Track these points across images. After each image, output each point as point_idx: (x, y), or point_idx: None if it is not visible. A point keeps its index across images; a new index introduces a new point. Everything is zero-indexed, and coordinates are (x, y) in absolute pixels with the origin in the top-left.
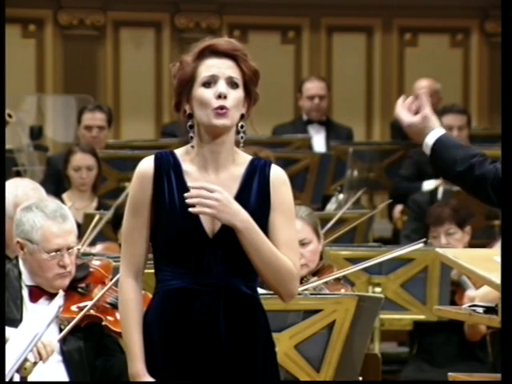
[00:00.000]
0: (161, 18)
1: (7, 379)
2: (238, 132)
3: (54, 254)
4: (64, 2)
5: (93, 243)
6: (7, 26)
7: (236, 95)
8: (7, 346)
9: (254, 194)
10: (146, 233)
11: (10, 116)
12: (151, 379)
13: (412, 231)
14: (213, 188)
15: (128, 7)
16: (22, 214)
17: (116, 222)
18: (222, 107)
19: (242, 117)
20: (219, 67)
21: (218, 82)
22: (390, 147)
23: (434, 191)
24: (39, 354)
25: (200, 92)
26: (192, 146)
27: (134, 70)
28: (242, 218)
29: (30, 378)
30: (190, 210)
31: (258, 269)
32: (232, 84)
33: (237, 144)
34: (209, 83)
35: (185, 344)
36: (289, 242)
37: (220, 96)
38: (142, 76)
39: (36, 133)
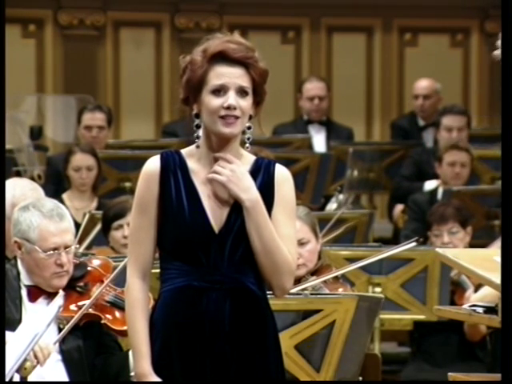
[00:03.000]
0: (161, 18)
1: (7, 379)
2: (243, 132)
3: (51, 252)
4: (64, 1)
5: (89, 247)
6: (7, 26)
7: (245, 104)
8: (7, 346)
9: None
10: (153, 232)
11: (39, 177)
12: (158, 379)
13: (412, 231)
14: (232, 159)
15: (128, 7)
16: (19, 214)
17: (105, 227)
18: (231, 116)
19: (250, 117)
20: (230, 76)
21: (227, 91)
22: (390, 147)
23: (434, 191)
24: (36, 357)
25: (209, 99)
26: (197, 146)
27: (134, 70)
28: (250, 196)
29: (30, 378)
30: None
31: (256, 255)
32: (242, 92)
33: (242, 145)
34: (218, 91)
35: (191, 341)
36: (288, 237)
37: (229, 107)
38: (142, 76)
39: (36, 133)
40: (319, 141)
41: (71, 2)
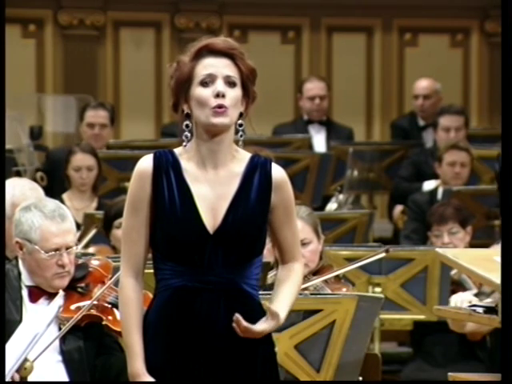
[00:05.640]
0: (161, 18)
1: (7, 379)
2: (237, 131)
3: (52, 253)
4: (64, 1)
5: (87, 245)
6: (7, 26)
7: (234, 94)
8: (7, 346)
9: (254, 191)
10: (146, 232)
11: (42, 179)
12: (151, 379)
13: (412, 231)
14: (245, 327)
15: (128, 7)
16: (20, 214)
17: (107, 225)
18: (220, 106)
19: (241, 115)
20: (216, 66)
21: (215, 81)
22: (390, 147)
23: (434, 191)
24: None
25: (198, 91)
26: (184, 145)
27: (134, 70)
28: (265, 332)
29: (30, 378)
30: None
31: None
32: (230, 83)
33: (236, 143)
34: (206, 82)
35: (185, 342)
36: (293, 241)
37: (218, 95)
38: (142, 76)
39: (36, 133)
40: (319, 141)
41: (71, 2)
